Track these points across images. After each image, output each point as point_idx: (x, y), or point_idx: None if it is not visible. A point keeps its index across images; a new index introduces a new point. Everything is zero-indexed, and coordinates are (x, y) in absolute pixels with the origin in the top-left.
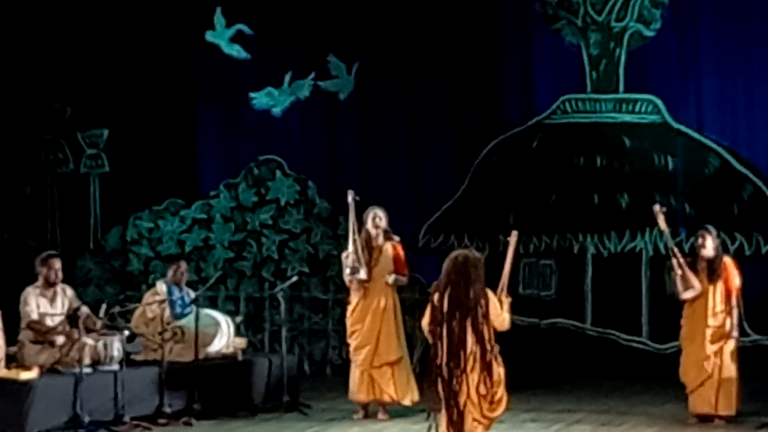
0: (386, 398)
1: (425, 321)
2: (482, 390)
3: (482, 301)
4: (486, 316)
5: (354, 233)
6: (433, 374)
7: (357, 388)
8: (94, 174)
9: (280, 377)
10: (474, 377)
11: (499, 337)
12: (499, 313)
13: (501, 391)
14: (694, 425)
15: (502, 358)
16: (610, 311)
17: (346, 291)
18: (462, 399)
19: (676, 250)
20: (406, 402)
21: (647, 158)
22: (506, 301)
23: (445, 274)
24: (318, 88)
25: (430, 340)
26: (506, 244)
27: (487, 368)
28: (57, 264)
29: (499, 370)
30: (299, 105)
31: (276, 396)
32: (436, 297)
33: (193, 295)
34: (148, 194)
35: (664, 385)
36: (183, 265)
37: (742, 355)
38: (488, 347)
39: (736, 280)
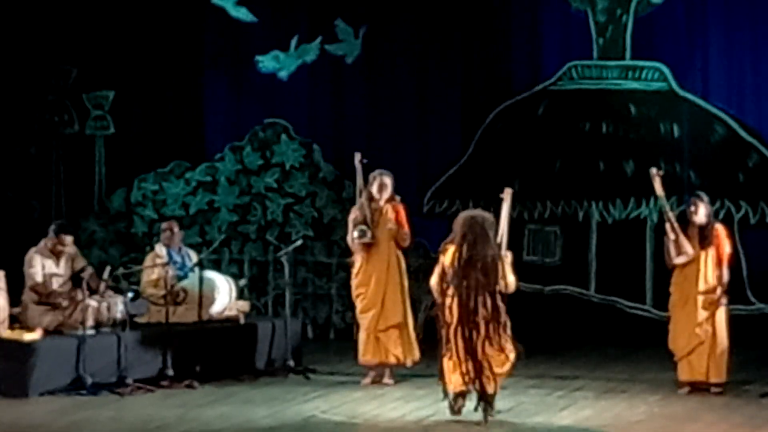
0: (392, 360)
1: (434, 279)
2: (495, 346)
3: (497, 261)
4: (501, 276)
5: (361, 196)
6: (443, 331)
7: (364, 350)
8: (99, 136)
9: (284, 341)
10: (485, 334)
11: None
12: (505, 275)
13: (510, 347)
14: (690, 394)
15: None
16: (614, 278)
17: (351, 255)
18: (477, 354)
19: (671, 214)
20: (408, 363)
21: (653, 126)
22: (507, 258)
23: (460, 234)
24: (325, 52)
25: (439, 299)
26: (500, 201)
27: (498, 325)
28: (68, 240)
29: (507, 328)
30: (306, 69)
31: (279, 360)
32: (448, 256)
33: (193, 256)
34: (153, 156)
35: (667, 353)
36: (174, 225)
37: (745, 323)
38: (500, 306)
39: (726, 248)
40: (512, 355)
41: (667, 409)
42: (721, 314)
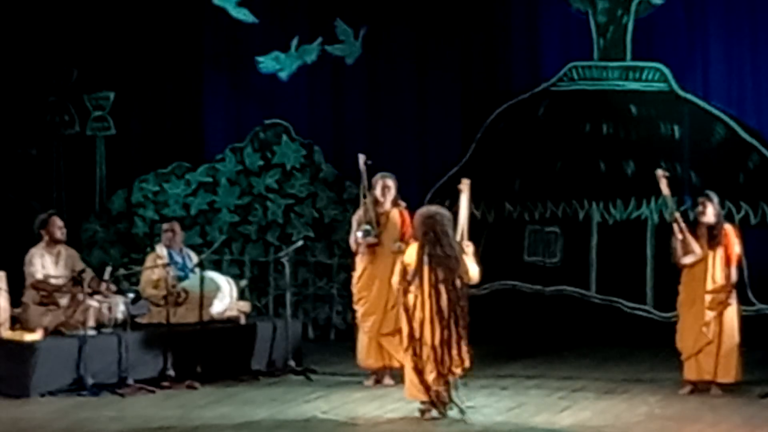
0: (396, 363)
1: (395, 278)
2: (454, 345)
3: (459, 257)
4: (464, 271)
5: (365, 197)
6: (407, 329)
7: (366, 354)
8: (100, 137)
9: (285, 342)
10: (442, 332)
11: (505, 304)
12: (468, 269)
13: (465, 347)
14: (692, 393)
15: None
16: (615, 279)
17: (351, 256)
18: (437, 352)
19: (677, 215)
20: None
21: (653, 126)
22: (469, 249)
23: (421, 232)
24: (325, 53)
25: (400, 297)
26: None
27: (455, 324)
28: (58, 221)
29: (463, 328)
30: (306, 69)
31: (280, 360)
32: (410, 253)
33: (194, 257)
34: (153, 157)
35: (668, 354)
36: (175, 226)
37: (746, 324)
38: (460, 303)
39: (736, 248)
40: (467, 355)
41: (667, 410)
42: (730, 314)
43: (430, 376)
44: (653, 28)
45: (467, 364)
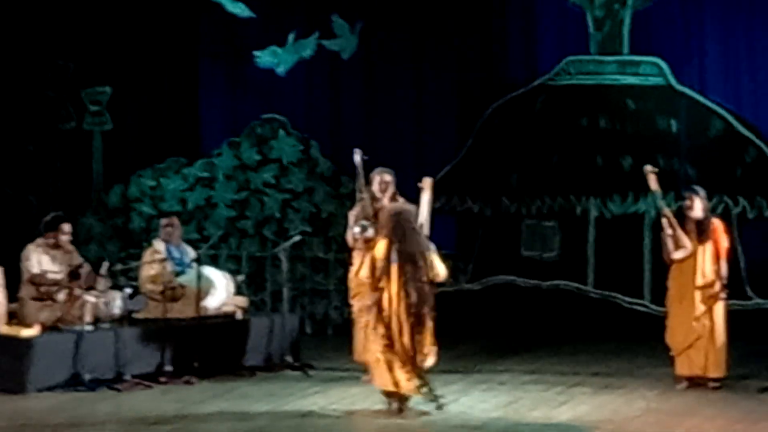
0: None
1: (365, 272)
2: (417, 339)
3: (424, 254)
4: (430, 268)
5: (362, 193)
6: (380, 324)
7: (363, 349)
8: (96, 131)
9: (282, 337)
10: (411, 328)
11: (502, 299)
12: (435, 266)
13: (431, 341)
14: (689, 389)
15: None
16: (613, 274)
17: (349, 251)
18: (406, 347)
19: (667, 210)
20: None
21: (650, 121)
22: (431, 247)
23: (390, 228)
24: (322, 48)
25: (371, 290)
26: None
27: (421, 319)
28: (67, 228)
29: (430, 323)
30: (303, 64)
31: (277, 356)
32: (379, 249)
33: (191, 252)
34: (150, 152)
35: (665, 348)
36: (175, 221)
37: (743, 318)
38: (425, 299)
39: (724, 242)
40: (433, 350)
41: (665, 404)
42: (720, 309)
43: (400, 371)
44: (650, 23)
45: (434, 358)
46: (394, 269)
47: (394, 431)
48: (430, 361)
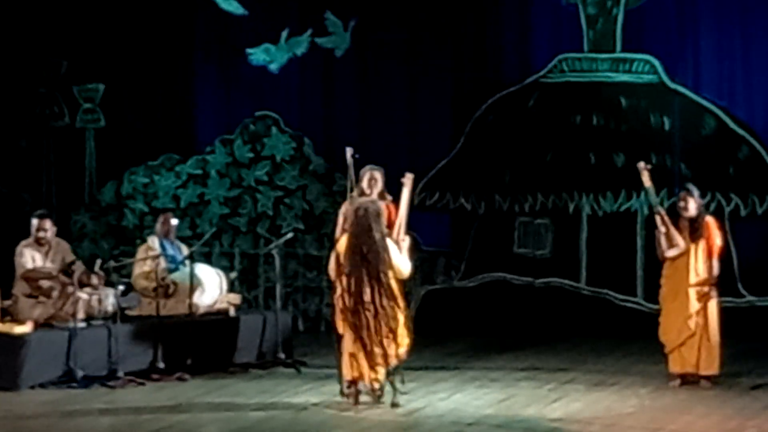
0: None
1: (331, 266)
2: (383, 332)
3: (385, 251)
4: (389, 265)
5: (353, 191)
6: (342, 314)
7: None
8: (89, 129)
9: (275, 334)
10: (374, 320)
11: (494, 296)
12: (396, 264)
13: (404, 334)
14: (681, 386)
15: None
16: (605, 271)
17: None
18: (365, 340)
19: (660, 207)
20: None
21: (644, 118)
22: (403, 242)
23: (350, 223)
24: (315, 45)
25: (336, 284)
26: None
27: (385, 313)
28: (47, 224)
29: (397, 315)
30: (296, 61)
31: (270, 352)
32: (342, 244)
33: (185, 249)
34: (143, 149)
35: (658, 346)
36: (171, 217)
37: (736, 315)
38: (391, 292)
39: (717, 240)
40: (405, 341)
41: (658, 402)
42: (713, 306)
43: (360, 364)
44: (643, 20)
45: (402, 354)
46: (350, 263)
47: (387, 428)
48: (401, 351)
